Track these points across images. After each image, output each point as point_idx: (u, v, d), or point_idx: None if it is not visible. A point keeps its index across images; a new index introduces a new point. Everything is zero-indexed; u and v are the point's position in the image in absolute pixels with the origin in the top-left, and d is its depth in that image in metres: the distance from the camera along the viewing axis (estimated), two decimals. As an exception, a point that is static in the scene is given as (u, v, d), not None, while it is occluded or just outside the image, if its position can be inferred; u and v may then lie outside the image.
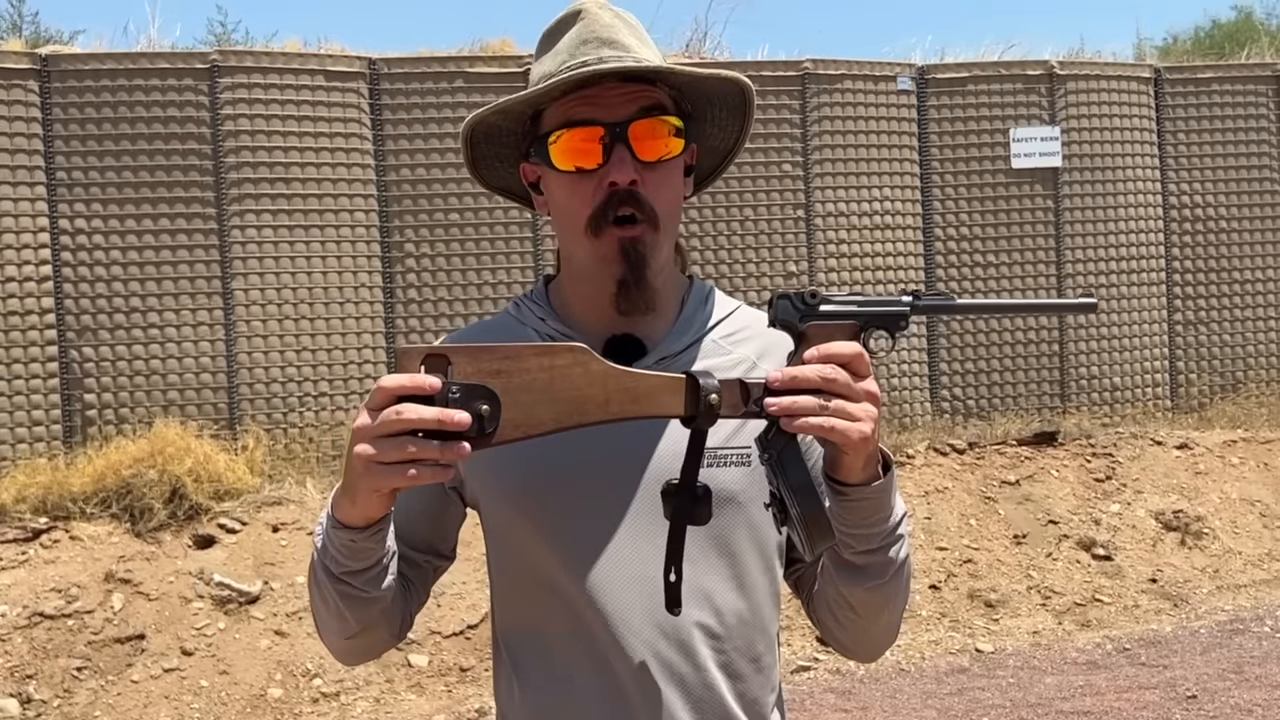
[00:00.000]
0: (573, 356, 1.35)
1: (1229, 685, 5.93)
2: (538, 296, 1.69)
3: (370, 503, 1.35)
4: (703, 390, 1.37)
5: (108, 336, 7.39)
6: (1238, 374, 9.47)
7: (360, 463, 1.29)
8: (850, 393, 1.36)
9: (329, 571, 1.45)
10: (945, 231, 8.86)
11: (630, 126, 1.52)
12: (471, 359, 1.30)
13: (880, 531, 1.49)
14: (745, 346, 1.65)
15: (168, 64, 7.53)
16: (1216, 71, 9.60)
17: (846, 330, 1.44)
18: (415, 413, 1.26)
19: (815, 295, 1.44)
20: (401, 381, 1.27)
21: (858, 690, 6.14)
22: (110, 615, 6.32)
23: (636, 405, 1.38)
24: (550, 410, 1.34)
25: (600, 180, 1.52)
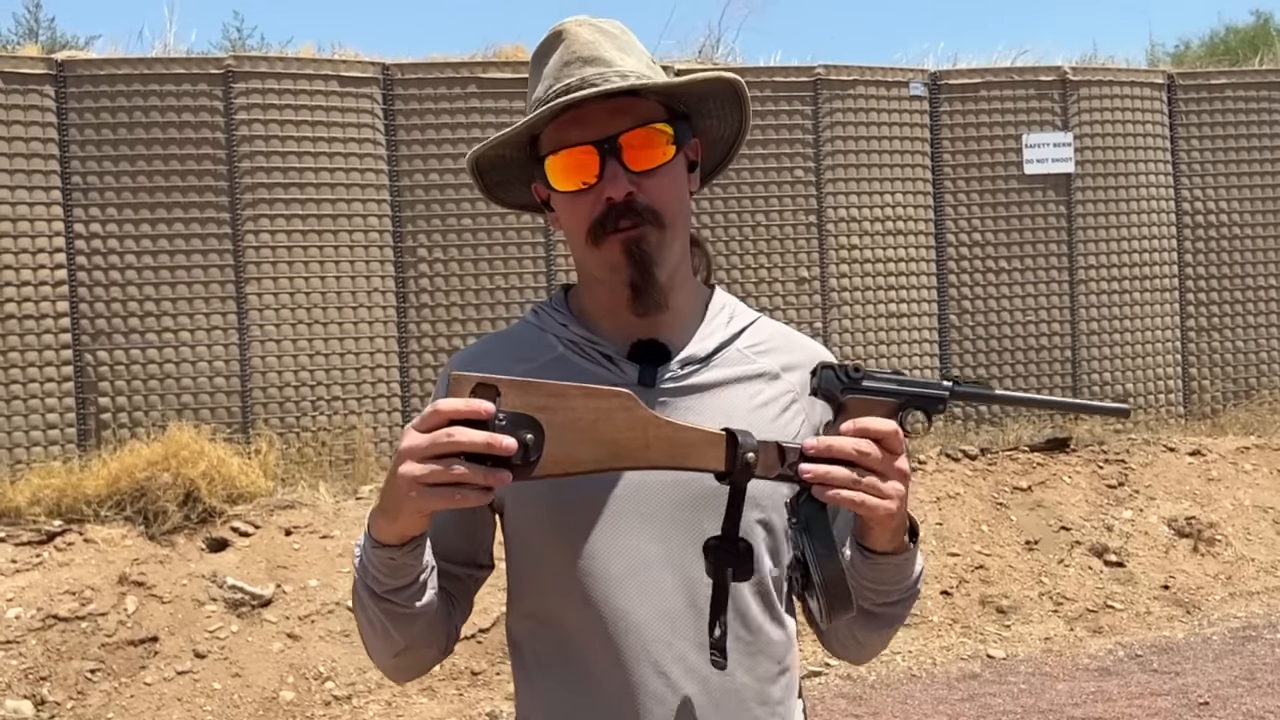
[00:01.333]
0: (619, 401, 1.38)
1: (1241, 692, 5.92)
2: (557, 304, 1.71)
3: (411, 521, 1.39)
4: (741, 449, 1.41)
5: (122, 340, 7.42)
6: (1250, 380, 9.45)
7: (406, 482, 1.32)
8: (882, 469, 1.41)
9: (371, 591, 1.48)
10: (957, 237, 8.86)
11: (619, 141, 1.54)
12: (520, 392, 1.34)
13: (899, 589, 1.57)
14: (769, 358, 1.68)
15: (183, 69, 7.57)
16: (1230, 78, 9.59)
17: (885, 408, 1.48)
18: (466, 436, 1.30)
19: (859, 370, 1.48)
20: (456, 405, 1.31)
21: (869, 696, 6.14)
22: (124, 618, 6.35)
23: (675, 456, 1.41)
24: (591, 451, 1.37)
25: (598, 195, 1.55)
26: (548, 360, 1.63)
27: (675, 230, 1.60)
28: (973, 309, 8.86)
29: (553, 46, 1.61)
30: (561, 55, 1.59)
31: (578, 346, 1.63)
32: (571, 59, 1.57)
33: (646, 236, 1.56)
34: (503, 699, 6.22)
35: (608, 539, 1.55)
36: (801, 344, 1.73)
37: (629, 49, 1.61)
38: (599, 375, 1.60)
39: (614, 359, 1.62)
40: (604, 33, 1.61)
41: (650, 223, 1.56)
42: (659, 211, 1.56)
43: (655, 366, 1.61)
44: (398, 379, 7.86)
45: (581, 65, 1.56)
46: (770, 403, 1.64)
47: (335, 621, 6.49)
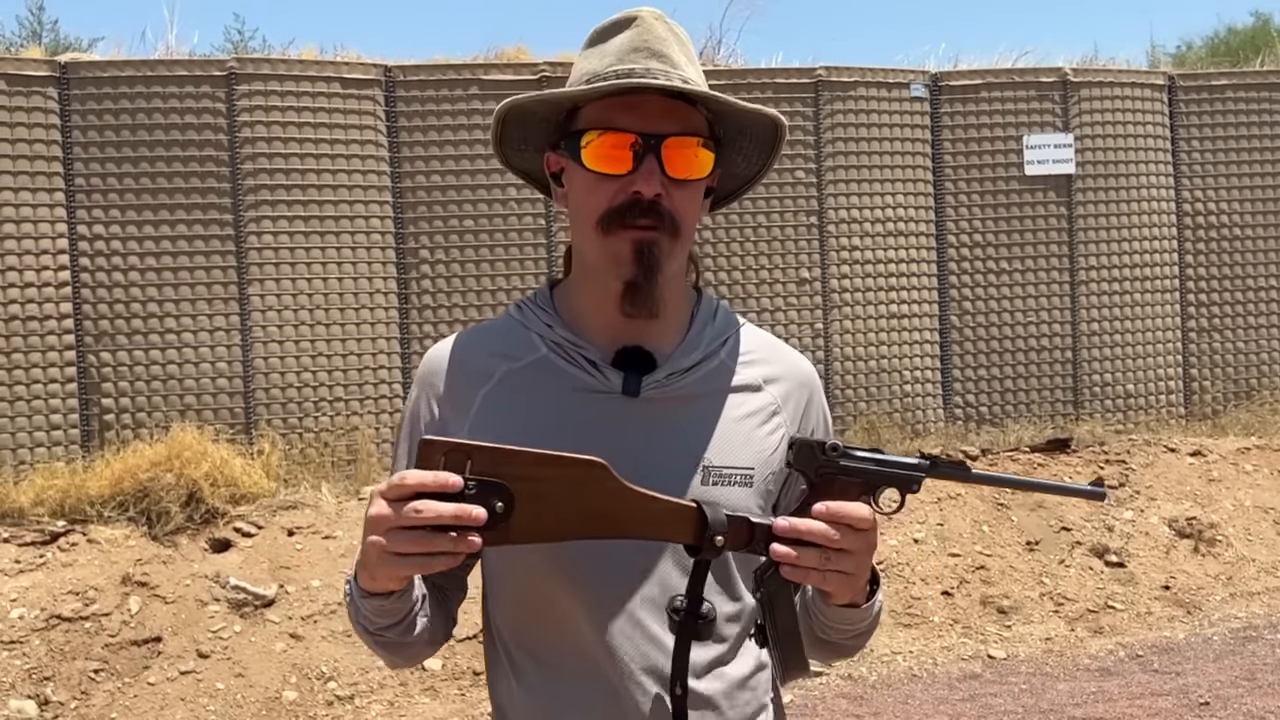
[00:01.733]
0: (591, 472, 1.38)
1: (1242, 693, 5.93)
2: (543, 301, 1.68)
3: (389, 583, 1.42)
4: (710, 527, 1.42)
5: (125, 341, 7.44)
6: (1251, 381, 9.46)
7: (376, 551, 1.34)
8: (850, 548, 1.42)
9: (364, 629, 1.53)
10: (958, 238, 8.87)
11: (665, 141, 1.53)
12: (491, 459, 1.34)
13: (858, 628, 1.59)
14: (753, 370, 1.67)
15: (186, 71, 7.59)
16: (1231, 79, 9.60)
17: (859, 486, 1.49)
18: (434, 510, 1.30)
19: (836, 448, 1.48)
20: (423, 479, 1.31)
21: (870, 696, 6.16)
22: (127, 618, 6.37)
23: (646, 528, 1.42)
24: (561, 520, 1.38)
25: (624, 185, 1.54)
26: (531, 361, 1.62)
27: (684, 244, 1.60)
28: (973, 310, 8.88)
29: (622, 27, 1.60)
30: (632, 39, 1.58)
31: (562, 349, 1.62)
32: (641, 46, 1.57)
33: (660, 241, 1.55)
34: (505, 699, 6.23)
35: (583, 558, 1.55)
36: (785, 355, 1.72)
37: (693, 59, 1.61)
38: (582, 380, 1.59)
39: (598, 365, 1.60)
40: (675, 34, 1.61)
41: (667, 229, 1.55)
42: (679, 221, 1.56)
43: (640, 375, 1.60)
44: (400, 379, 7.88)
45: (649, 56, 1.56)
46: (752, 415, 1.64)
47: (338, 622, 6.50)
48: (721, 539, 1.42)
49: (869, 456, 1.49)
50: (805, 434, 1.67)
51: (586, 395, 1.59)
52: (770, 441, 1.63)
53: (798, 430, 1.66)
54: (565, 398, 1.59)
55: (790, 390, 1.68)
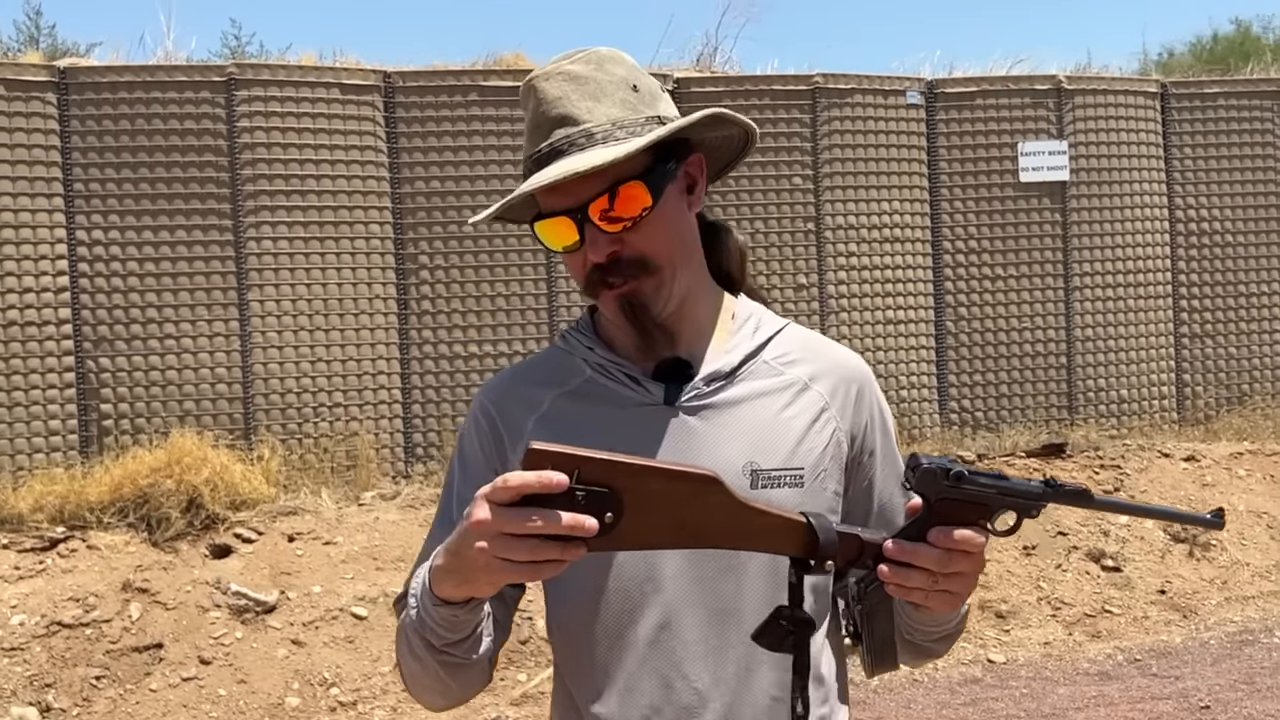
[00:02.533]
0: (700, 486, 1.35)
1: (1241, 696, 5.97)
2: (583, 328, 1.72)
3: (485, 589, 1.38)
4: (822, 548, 1.39)
5: (124, 347, 7.43)
6: (1244, 387, 9.53)
7: (484, 558, 1.29)
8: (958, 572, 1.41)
9: (429, 645, 1.48)
10: (954, 245, 8.92)
11: (589, 208, 1.54)
12: (600, 470, 1.30)
13: (943, 630, 1.60)
14: (797, 368, 1.68)
15: (185, 76, 7.59)
16: (1222, 86, 9.67)
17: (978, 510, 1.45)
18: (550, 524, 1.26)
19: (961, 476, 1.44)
20: (527, 480, 1.26)
21: (872, 701, 6.18)
22: (128, 624, 6.35)
23: (753, 540, 1.40)
24: (667, 531, 1.35)
25: (584, 257, 1.58)
26: (578, 384, 1.66)
27: (673, 267, 1.60)
28: (969, 316, 8.92)
29: (525, 103, 1.61)
30: (533, 116, 1.59)
31: (605, 369, 1.65)
32: (541, 121, 1.57)
33: (640, 290, 1.57)
34: (507, 704, 6.24)
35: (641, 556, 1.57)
36: (831, 352, 1.73)
37: (601, 92, 1.58)
38: (627, 396, 1.63)
39: (640, 380, 1.63)
40: (573, 79, 1.57)
41: (642, 274, 1.57)
42: (648, 260, 1.57)
43: (680, 385, 1.62)
44: (399, 385, 7.88)
45: (550, 127, 1.56)
46: (799, 415, 1.64)
47: (339, 628, 6.50)
48: (830, 565, 1.40)
49: (991, 484, 1.46)
50: (858, 426, 1.68)
51: (632, 409, 1.62)
52: (819, 440, 1.64)
53: (849, 425, 1.67)
54: (612, 414, 1.62)
55: (836, 386, 1.68)
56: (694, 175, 1.66)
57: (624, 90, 1.59)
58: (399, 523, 7.19)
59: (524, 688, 6.34)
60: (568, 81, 1.57)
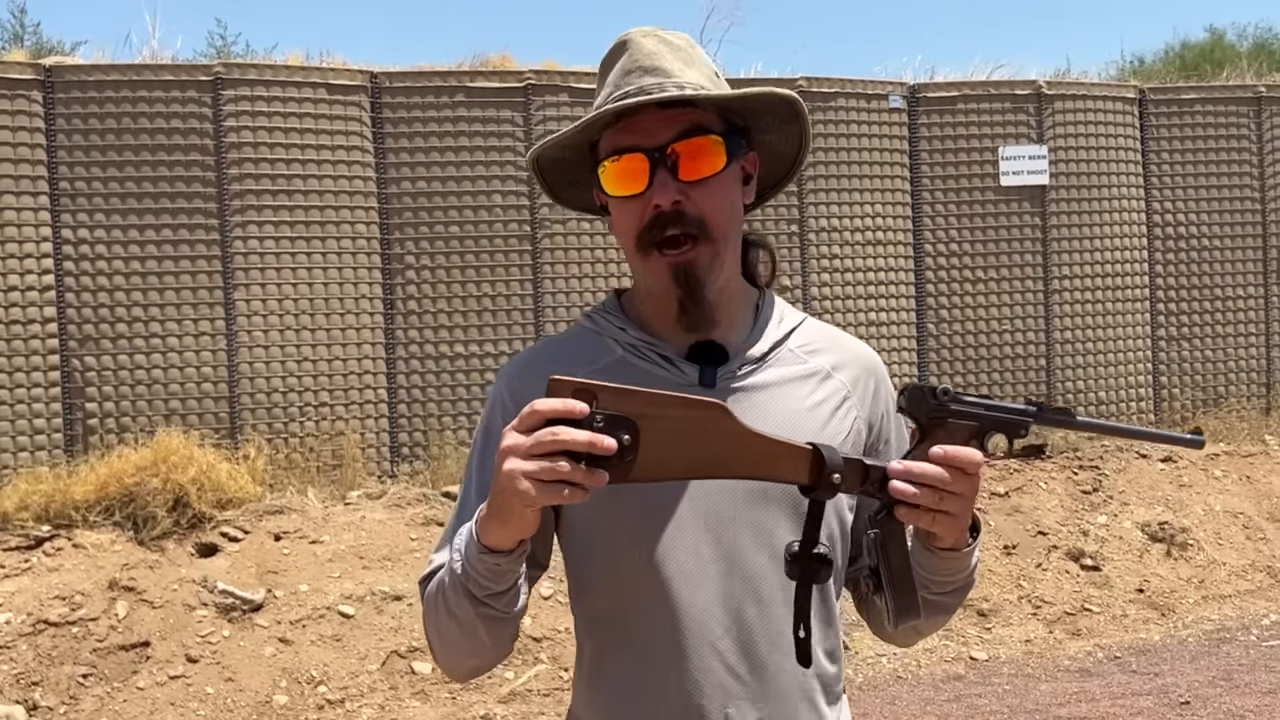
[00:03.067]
0: (712, 412, 1.41)
1: (1220, 692, 6.06)
2: (611, 308, 1.74)
3: (522, 521, 1.41)
4: (827, 466, 1.44)
5: (110, 346, 7.43)
6: (1219, 389, 9.65)
7: (513, 479, 1.35)
8: (958, 492, 1.45)
9: (471, 596, 1.51)
10: (935, 248, 9.00)
11: (669, 149, 1.58)
12: (615, 398, 1.36)
13: (958, 579, 1.63)
14: (820, 358, 1.73)
15: (171, 75, 7.59)
16: (1199, 92, 9.80)
17: (968, 430, 1.51)
18: (569, 434, 1.32)
19: (947, 393, 1.50)
20: (554, 405, 1.34)
21: (857, 697, 6.24)
22: (115, 623, 6.35)
23: (762, 468, 1.45)
24: (682, 459, 1.40)
25: (647, 202, 1.59)
26: (609, 363, 1.67)
27: (726, 244, 1.64)
28: (950, 318, 9.00)
29: (616, 56, 1.65)
30: (624, 64, 1.63)
31: (637, 350, 1.67)
32: (633, 68, 1.62)
33: (697, 259, 1.60)
34: (495, 702, 6.27)
35: (668, 535, 1.60)
36: (850, 344, 1.78)
37: (692, 61, 1.65)
38: (660, 377, 1.64)
39: (673, 360, 1.66)
40: (667, 44, 1.65)
41: (700, 238, 1.60)
42: (706, 222, 1.60)
43: (715, 367, 1.65)
44: (385, 385, 7.90)
45: (641, 74, 1.61)
46: (824, 402, 1.69)
47: (327, 626, 6.52)
48: (839, 477, 1.44)
49: (978, 401, 1.52)
50: (876, 415, 1.74)
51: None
52: (843, 427, 1.69)
53: (868, 413, 1.73)
54: None
55: (858, 376, 1.74)
56: (749, 171, 1.71)
57: (710, 70, 1.67)
58: (385, 522, 7.21)
59: (511, 685, 6.38)
60: (663, 44, 1.64)
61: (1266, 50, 20.07)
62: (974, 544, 1.59)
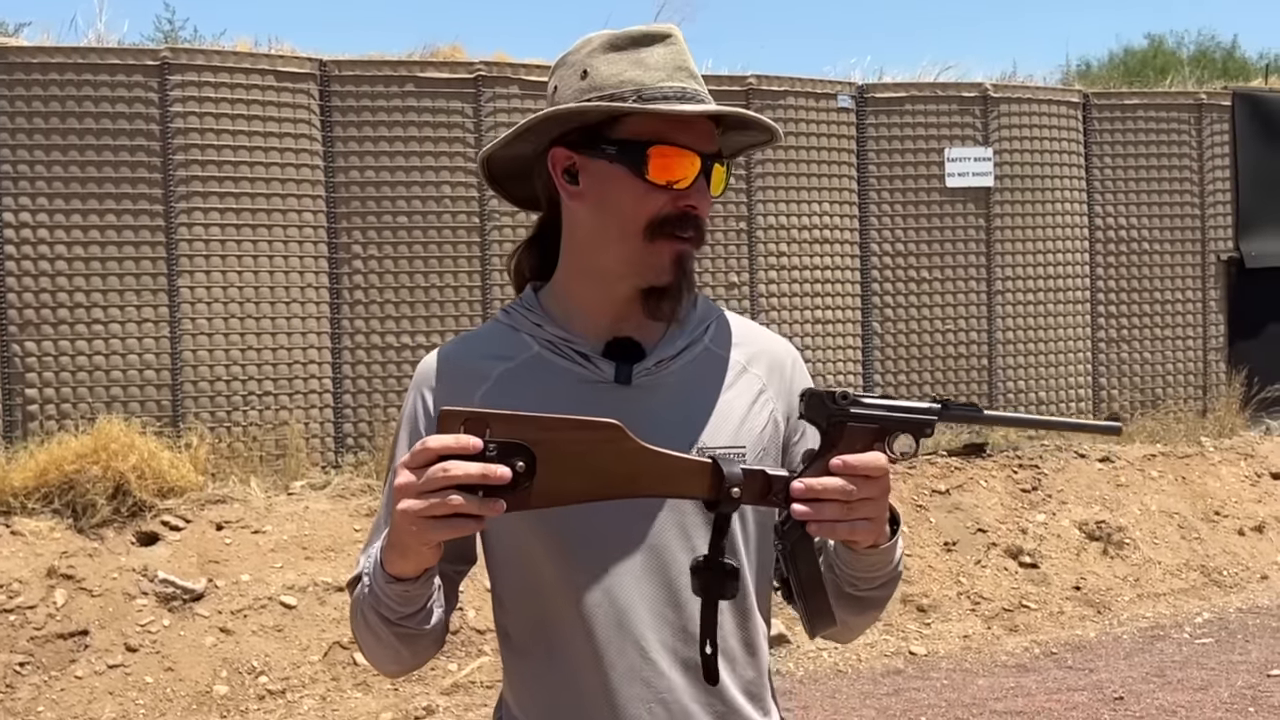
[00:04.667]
0: (607, 433, 1.41)
1: (1153, 688, 6.17)
2: (529, 304, 1.73)
3: (421, 556, 1.44)
4: (726, 480, 1.44)
5: (50, 331, 7.34)
6: (1157, 390, 9.81)
7: (408, 519, 1.36)
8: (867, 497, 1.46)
9: (383, 619, 1.54)
10: (881, 247, 9.08)
11: (716, 163, 1.64)
12: (508, 425, 1.36)
13: (882, 575, 1.64)
14: (735, 352, 1.74)
15: (117, 60, 7.50)
16: (1142, 98, 9.95)
17: (871, 434, 1.49)
18: (460, 469, 1.33)
19: (846, 396, 1.49)
20: (446, 442, 1.34)
21: (798, 691, 6.29)
22: (53, 611, 6.29)
23: (663, 485, 1.45)
24: (580, 482, 1.40)
25: (675, 198, 1.61)
26: (526, 359, 1.67)
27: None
28: (895, 317, 9.09)
29: (656, 40, 1.66)
30: (673, 58, 1.65)
31: (553, 346, 1.67)
32: (684, 65, 1.65)
33: (691, 251, 1.66)
34: (438, 694, 6.27)
35: (590, 531, 1.60)
36: (764, 336, 1.80)
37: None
38: (576, 373, 1.65)
39: (590, 357, 1.66)
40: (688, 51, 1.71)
41: (698, 240, 1.65)
42: (703, 230, 1.67)
43: (630, 364, 1.66)
44: (330, 375, 7.86)
45: (689, 77, 1.65)
46: (740, 396, 1.70)
47: (268, 616, 6.48)
48: (738, 490, 1.44)
49: (879, 403, 1.51)
50: (792, 408, 1.72)
51: (581, 386, 1.65)
52: (759, 420, 1.70)
53: (784, 405, 1.73)
54: (561, 390, 1.64)
55: (772, 368, 1.75)
56: None
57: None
58: (329, 512, 7.18)
59: (454, 677, 6.38)
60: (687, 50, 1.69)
61: (1208, 57, 20.40)
62: (895, 539, 1.59)
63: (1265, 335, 10.08)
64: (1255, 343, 10.03)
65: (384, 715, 6.06)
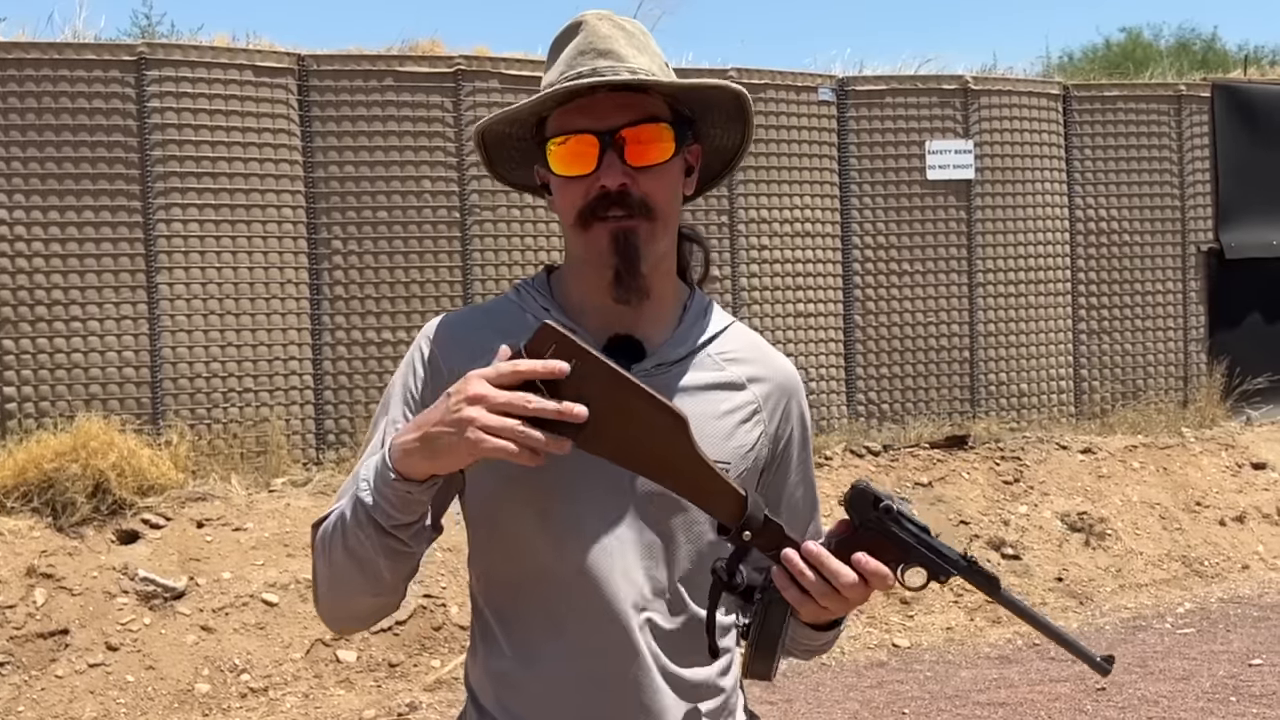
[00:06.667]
0: (672, 422, 1.45)
1: (1135, 678, 6.19)
2: (540, 285, 1.73)
3: (455, 461, 1.43)
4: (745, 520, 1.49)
5: (29, 329, 7.29)
6: (1138, 382, 9.84)
7: (467, 426, 1.37)
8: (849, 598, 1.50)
9: (378, 526, 1.49)
10: (863, 240, 9.08)
11: (619, 134, 1.59)
12: (596, 369, 1.39)
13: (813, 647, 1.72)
14: (737, 368, 1.73)
15: (94, 55, 7.45)
16: (1122, 90, 9.97)
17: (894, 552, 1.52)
18: (540, 404, 1.36)
19: (889, 511, 1.52)
20: (535, 367, 1.38)
21: (782, 684, 6.30)
22: (33, 610, 6.25)
23: (693, 492, 1.49)
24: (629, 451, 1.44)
25: (592, 182, 1.60)
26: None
27: (665, 225, 1.65)
28: (876, 310, 9.10)
29: (570, 36, 1.66)
30: (578, 44, 1.64)
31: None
32: (586, 49, 1.62)
33: (636, 228, 1.60)
34: (421, 690, 6.25)
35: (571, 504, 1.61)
36: (770, 357, 1.78)
37: (644, 49, 1.66)
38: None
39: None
40: (621, 28, 1.66)
41: (641, 215, 1.60)
42: (651, 205, 1.61)
43: (629, 363, 1.64)
44: (310, 371, 7.83)
45: (595, 56, 1.61)
46: (733, 412, 1.69)
47: (250, 614, 6.46)
48: (749, 535, 1.49)
49: (915, 531, 1.53)
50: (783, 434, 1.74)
51: None
52: (748, 439, 1.69)
53: (774, 430, 1.73)
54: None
55: (771, 391, 1.74)
56: (691, 162, 1.72)
57: (661, 59, 1.69)
58: (310, 509, 7.15)
59: (438, 674, 6.36)
60: (617, 28, 1.66)
61: (1187, 50, 20.46)
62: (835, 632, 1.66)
63: (1245, 326, 10.12)
64: (1235, 333, 10.07)
65: (367, 712, 6.04)
